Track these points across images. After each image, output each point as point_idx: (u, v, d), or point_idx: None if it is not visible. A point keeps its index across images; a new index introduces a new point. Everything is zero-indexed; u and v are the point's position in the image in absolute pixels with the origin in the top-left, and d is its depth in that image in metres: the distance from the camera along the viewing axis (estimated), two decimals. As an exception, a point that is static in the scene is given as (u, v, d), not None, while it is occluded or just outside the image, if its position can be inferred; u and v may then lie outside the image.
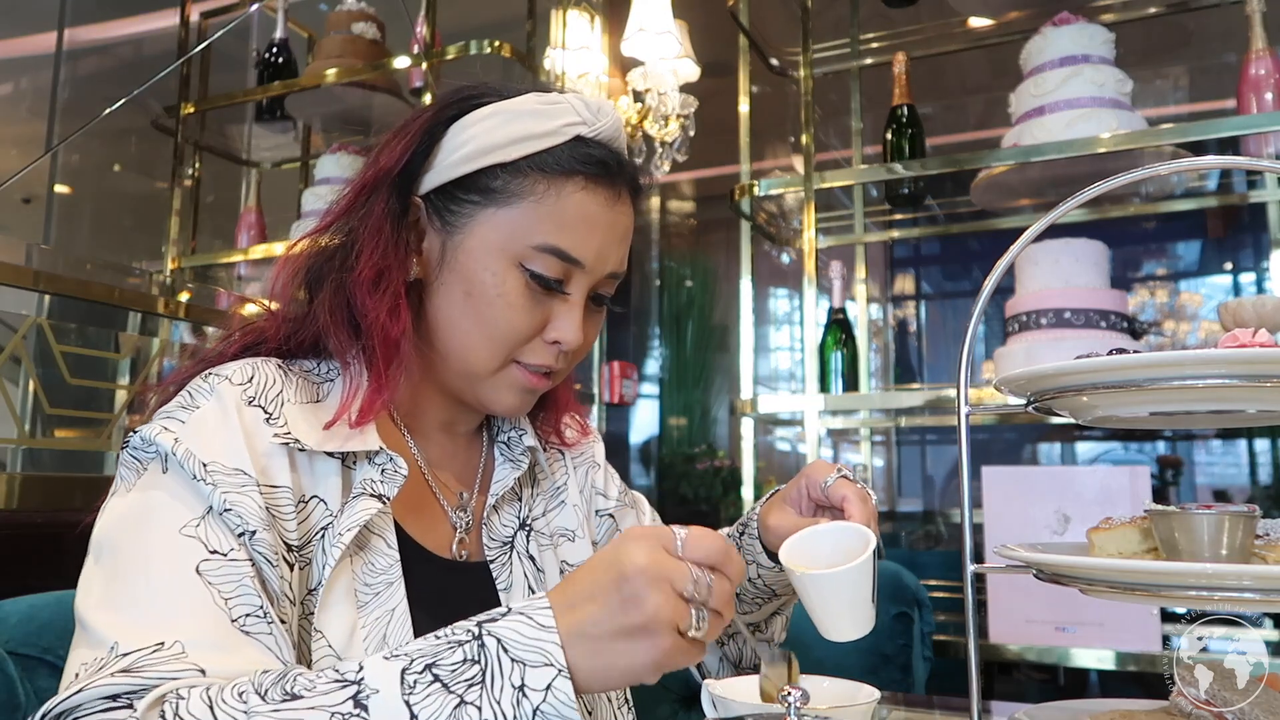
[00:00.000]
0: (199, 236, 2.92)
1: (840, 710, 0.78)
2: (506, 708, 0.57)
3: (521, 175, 0.80)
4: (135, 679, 0.60)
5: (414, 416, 0.88)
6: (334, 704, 0.57)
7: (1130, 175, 0.79)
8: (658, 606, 0.58)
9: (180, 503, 0.69)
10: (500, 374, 0.83)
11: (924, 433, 4.01)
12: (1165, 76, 3.27)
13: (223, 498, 0.69)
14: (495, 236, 0.80)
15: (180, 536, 0.67)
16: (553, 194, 0.80)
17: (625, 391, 3.41)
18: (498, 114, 0.81)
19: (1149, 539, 0.79)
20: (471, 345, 0.81)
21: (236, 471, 0.71)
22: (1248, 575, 0.67)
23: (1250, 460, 3.55)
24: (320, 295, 0.82)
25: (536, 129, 0.81)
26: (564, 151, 0.81)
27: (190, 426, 0.73)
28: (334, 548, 0.73)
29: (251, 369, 0.78)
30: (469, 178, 0.81)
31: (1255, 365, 0.68)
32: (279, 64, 2.80)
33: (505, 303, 0.80)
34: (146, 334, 1.96)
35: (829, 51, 2.75)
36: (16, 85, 3.03)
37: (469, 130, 0.81)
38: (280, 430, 0.75)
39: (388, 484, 0.78)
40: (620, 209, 0.85)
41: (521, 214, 0.80)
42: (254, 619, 0.66)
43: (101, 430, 1.85)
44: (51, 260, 1.82)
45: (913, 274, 4.45)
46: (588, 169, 0.81)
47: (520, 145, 0.80)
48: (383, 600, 0.75)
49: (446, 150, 0.82)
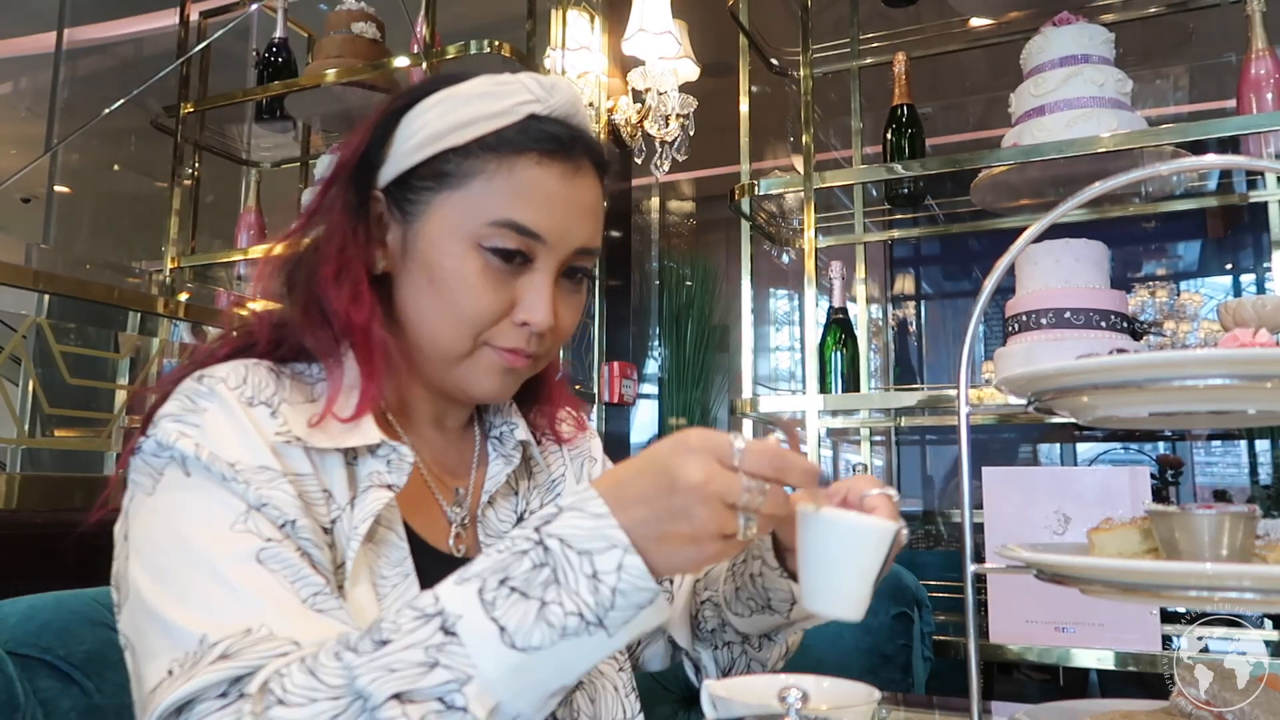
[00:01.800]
0: (199, 236, 2.92)
1: (840, 710, 0.78)
2: (587, 596, 0.59)
3: (473, 157, 0.80)
4: (237, 663, 0.61)
5: (404, 414, 0.88)
6: (424, 639, 0.60)
7: (1130, 175, 0.79)
8: (705, 521, 0.60)
9: (219, 504, 0.69)
10: (473, 357, 0.82)
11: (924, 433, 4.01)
12: (1165, 76, 3.28)
13: (258, 494, 0.70)
14: (451, 220, 0.80)
15: (232, 533, 0.68)
16: (504, 171, 0.79)
17: (625, 391, 3.41)
18: (448, 99, 0.81)
19: (1149, 539, 0.79)
20: (439, 332, 0.81)
21: (262, 468, 0.71)
22: (1248, 575, 0.67)
23: (1250, 460, 3.55)
24: (294, 296, 0.82)
25: (487, 110, 0.80)
26: (515, 130, 0.80)
27: (205, 429, 0.73)
28: (351, 540, 0.74)
29: (244, 370, 0.78)
30: (423, 165, 0.81)
31: (1255, 365, 0.68)
32: (279, 64, 2.80)
33: (466, 285, 0.79)
34: (146, 334, 1.96)
35: (829, 51, 2.75)
36: (16, 85, 3.03)
37: (421, 118, 0.81)
38: (281, 429, 0.75)
39: (395, 474, 0.78)
40: (581, 182, 0.83)
41: (475, 194, 0.79)
42: (322, 596, 0.68)
43: (101, 430, 1.85)
44: (51, 260, 1.83)
45: (913, 274, 4.45)
46: (540, 144, 0.80)
47: (471, 128, 0.80)
48: (401, 591, 0.76)
49: (400, 140, 0.82)
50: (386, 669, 0.59)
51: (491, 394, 0.84)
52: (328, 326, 0.80)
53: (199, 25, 2.99)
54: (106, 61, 3.23)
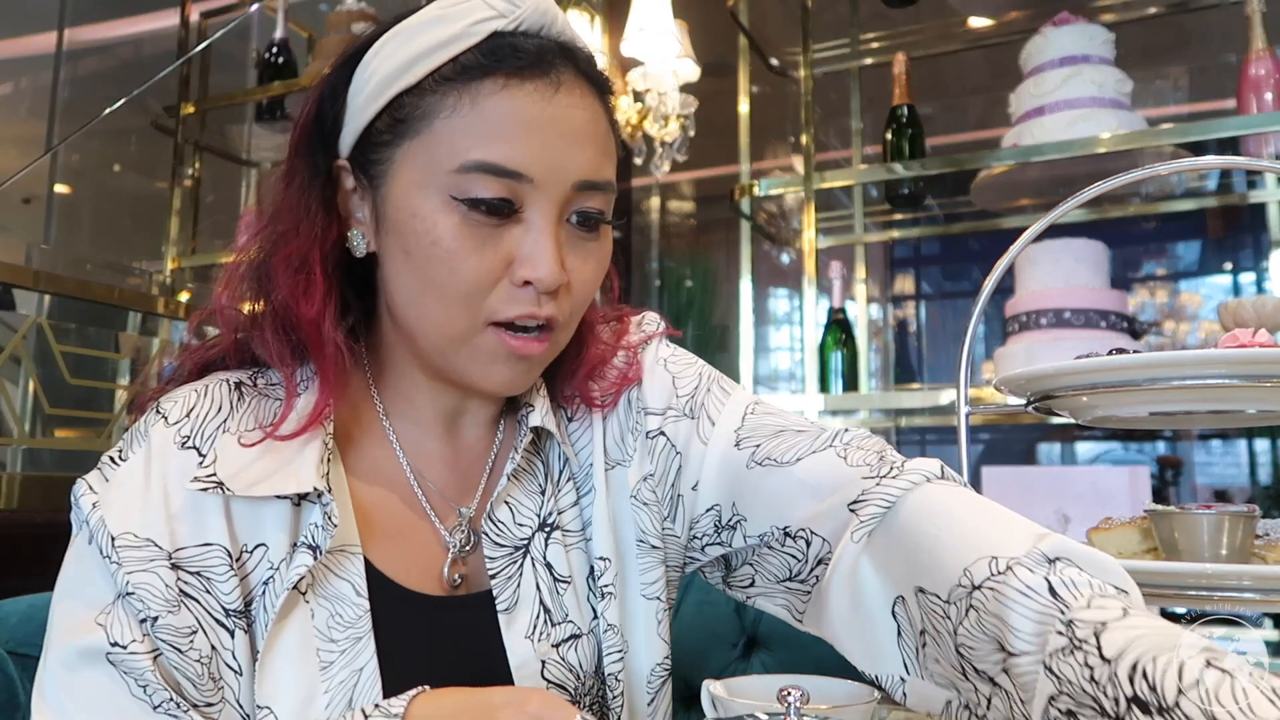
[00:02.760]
0: (199, 237, 2.92)
1: (840, 710, 0.78)
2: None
3: (429, 93, 0.66)
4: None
5: (404, 415, 0.76)
6: None
7: (1130, 175, 0.79)
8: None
9: (93, 583, 0.64)
10: (476, 341, 0.68)
11: (924, 433, 4.01)
12: (1165, 76, 3.27)
13: (126, 579, 0.62)
14: (414, 174, 0.66)
15: (93, 624, 0.63)
16: (466, 103, 0.65)
17: (625, 391, 3.41)
18: (396, 35, 0.68)
19: (1149, 539, 0.79)
20: (426, 311, 0.68)
21: (147, 543, 0.63)
22: (1248, 575, 0.67)
23: (1250, 460, 3.55)
24: (254, 297, 0.72)
25: (440, 36, 0.66)
26: (475, 55, 0.65)
27: (113, 486, 0.66)
28: (273, 607, 0.64)
29: (195, 397, 0.69)
30: (379, 118, 0.68)
31: (1255, 365, 0.68)
32: (279, 64, 2.80)
33: (443, 249, 0.65)
34: (146, 334, 1.96)
35: (829, 51, 2.75)
36: (16, 85, 3.03)
37: (370, 65, 0.68)
38: (202, 475, 0.65)
39: (324, 533, 0.65)
40: (566, 101, 0.66)
41: (436, 137, 0.65)
42: (171, 704, 0.61)
43: (101, 430, 1.85)
44: (51, 260, 1.83)
45: (913, 274, 4.45)
46: (507, 63, 0.65)
47: (424, 61, 0.66)
48: (349, 658, 0.65)
49: (352, 95, 0.69)
50: None
51: (503, 386, 0.70)
52: (283, 329, 0.70)
53: (199, 25, 3.00)
54: (106, 61, 3.23)
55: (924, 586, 0.62)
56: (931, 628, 0.61)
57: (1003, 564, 0.56)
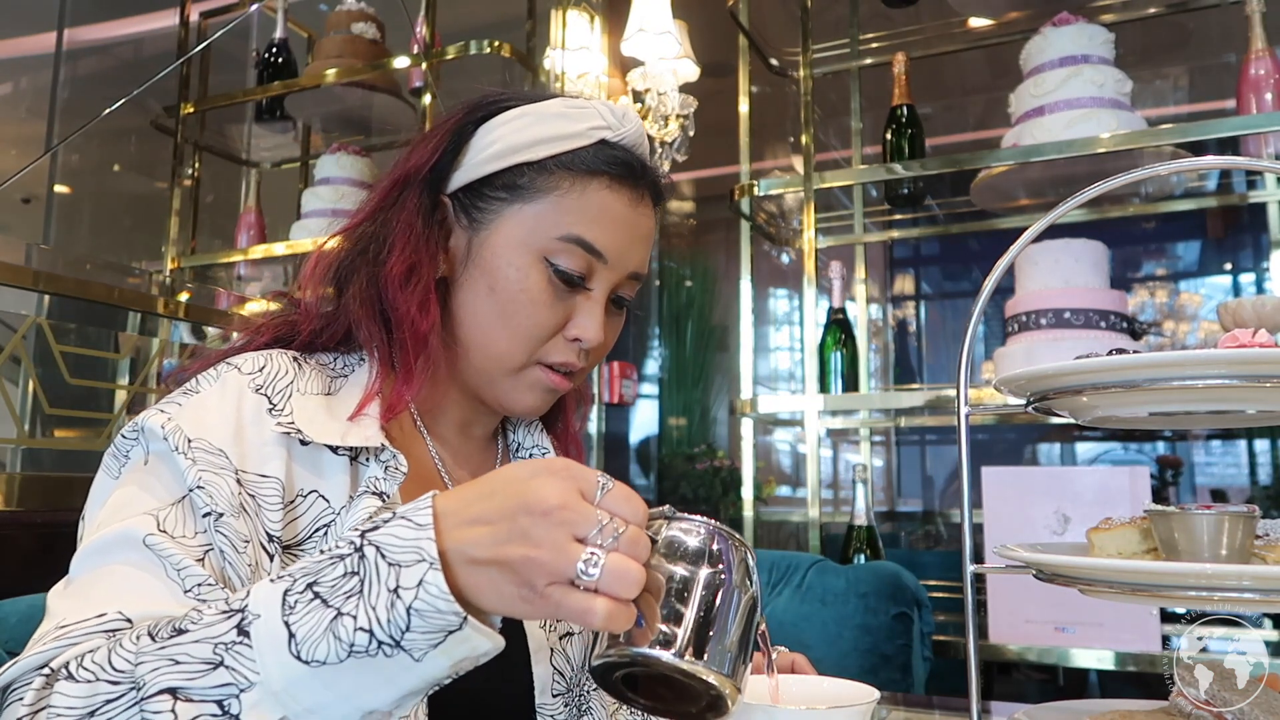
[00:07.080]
0: (199, 236, 2.92)
1: (840, 710, 0.78)
2: (380, 612, 0.54)
3: (548, 173, 0.83)
4: (62, 642, 0.60)
5: (433, 416, 0.89)
6: (218, 634, 0.55)
7: (1130, 175, 0.79)
8: (542, 545, 0.54)
9: (150, 493, 0.69)
10: (522, 373, 0.84)
11: (924, 433, 4.01)
12: (1165, 76, 3.27)
13: (198, 475, 0.69)
14: (519, 231, 0.82)
15: (142, 516, 0.67)
16: (577, 189, 0.82)
17: (625, 391, 3.41)
18: (525, 115, 0.84)
19: (1149, 539, 0.79)
20: (494, 340, 0.83)
21: (219, 453, 0.71)
22: (1247, 575, 0.67)
23: (1250, 460, 3.55)
24: (351, 288, 0.83)
25: (563, 130, 0.83)
26: (589, 152, 0.83)
27: (186, 409, 0.73)
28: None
29: (264, 359, 0.79)
30: (496, 176, 0.84)
31: (1255, 365, 0.68)
32: (279, 64, 2.81)
33: (528, 298, 0.81)
34: (146, 334, 1.96)
35: (829, 51, 2.75)
36: (16, 85, 3.03)
37: (497, 130, 0.84)
38: (284, 420, 0.75)
39: (389, 480, 0.76)
40: (642, 210, 0.86)
41: (546, 208, 0.82)
42: (205, 587, 0.65)
43: (101, 430, 1.85)
44: (51, 260, 1.82)
45: (912, 274, 4.45)
46: (613, 169, 0.84)
47: (547, 145, 0.83)
48: None
49: (475, 150, 0.84)
50: (170, 660, 0.55)
51: (529, 410, 0.86)
52: (383, 322, 0.82)
53: (199, 25, 3.00)
54: (106, 61, 3.23)
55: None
56: None
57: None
